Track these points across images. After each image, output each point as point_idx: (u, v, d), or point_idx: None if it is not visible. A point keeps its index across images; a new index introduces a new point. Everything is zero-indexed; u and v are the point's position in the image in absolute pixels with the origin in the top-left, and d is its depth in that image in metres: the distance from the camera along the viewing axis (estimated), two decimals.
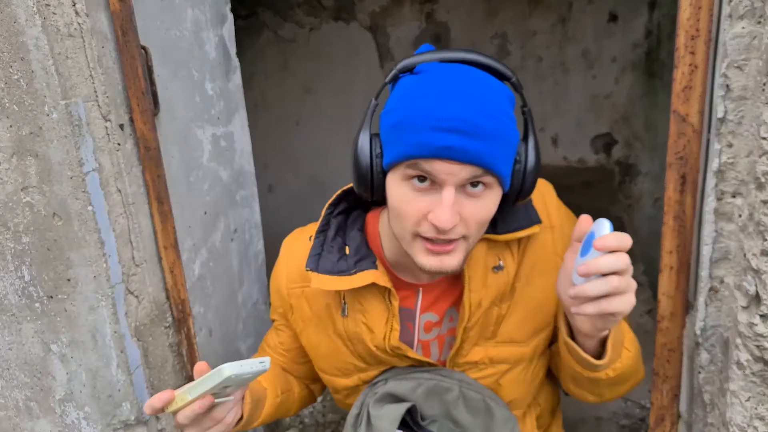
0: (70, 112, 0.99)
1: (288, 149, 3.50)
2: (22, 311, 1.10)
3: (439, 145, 0.80)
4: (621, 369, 0.94)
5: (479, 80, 0.84)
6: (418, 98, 0.83)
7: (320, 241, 1.01)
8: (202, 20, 1.30)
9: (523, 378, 1.06)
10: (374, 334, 1.00)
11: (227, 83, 1.41)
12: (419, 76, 0.86)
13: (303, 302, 1.07)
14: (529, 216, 0.98)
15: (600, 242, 0.77)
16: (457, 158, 0.80)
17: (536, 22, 3.18)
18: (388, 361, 1.04)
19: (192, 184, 1.27)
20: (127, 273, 1.11)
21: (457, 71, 0.85)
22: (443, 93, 0.81)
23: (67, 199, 1.02)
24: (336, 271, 0.97)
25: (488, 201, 0.87)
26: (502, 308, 1.01)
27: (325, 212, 1.04)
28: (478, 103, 0.81)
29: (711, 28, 0.86)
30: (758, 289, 0.81)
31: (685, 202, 0.93)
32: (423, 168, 0.83)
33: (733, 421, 0.88)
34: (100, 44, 1.02)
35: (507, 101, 0.87)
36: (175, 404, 0.88)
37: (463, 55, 0.87)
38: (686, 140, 0.91)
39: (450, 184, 0.83)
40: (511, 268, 1.00)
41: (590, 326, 0.86)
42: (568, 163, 3.36)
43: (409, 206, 0.86)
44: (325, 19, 3.31)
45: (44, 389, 1.15)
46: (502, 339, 1.03)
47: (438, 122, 0.80)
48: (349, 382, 1.09)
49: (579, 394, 1.03)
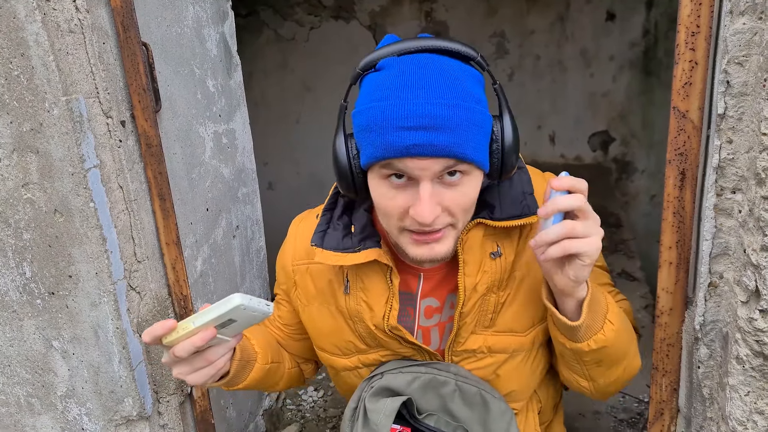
0: (71, 109, 0.99)
1: (288, 147, 3.50)
2: (23, 308, 1.10)
3: (405, 144, 0.80)
4: (604, 342, 0.92)
5: (441, 69, 0.84)
6: (381, 99, 0.83)
7: (326, 219, 1.02)
8: (203, 17, 1.30)
9: (522, 369, 1.06)
10: (374, 313, 1.01)
11: (228, 80, 1.41)
12: (380, 73, 0.86)
13: (307, 279, 1.08)
14: (527, 205, 0.98)
15: (556, 182, 0.82)
16: (426, 154, 0.81)
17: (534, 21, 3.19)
18: (388, 344, 1.04)
19: (194, 181, 1.27)
20: (129, 269, 1.11)
21: (417, 64, 0.84)
22: (404, 90, 0.81)
23: (68, 195, 1.02)
24: (341, 248, 0.98)
25: (468, 187, 0.88)
26: (501, 296, 1.01)
27: (333, 191, 1.05)
28: (439, 94, 0.81)
29: (711, 25, 0.86)
30: (758, 285, 0.81)
31: (685, 198, 0.94)
32: (396, 167, 0.84)
33: (732, 416, 0.89)
34: (100, 40, 1.02)
35: (474, 83, 0.86)
36: (175, 334, 0.85)
37: (423, 44, 0.86)
38: (686, 136, 0.91)
39: (425, 178, 0.83)
40: (509, 255, 1.00)
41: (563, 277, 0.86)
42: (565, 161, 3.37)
43: (390, 203, 0.87)
44: (325, 17, 3.31)
45: (45, 385, 1.16)
46: (500, 328, 1.03)
47: (402, 121, 0.80)
48: (348, 362, 1.10)
49: (572, 380, 1.03)
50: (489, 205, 0.98)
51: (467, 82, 0.85)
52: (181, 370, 0.90)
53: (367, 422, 1.01)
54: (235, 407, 1.50)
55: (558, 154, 3.34)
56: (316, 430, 1.74)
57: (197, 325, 0.84)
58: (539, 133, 3.32)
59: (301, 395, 1.87)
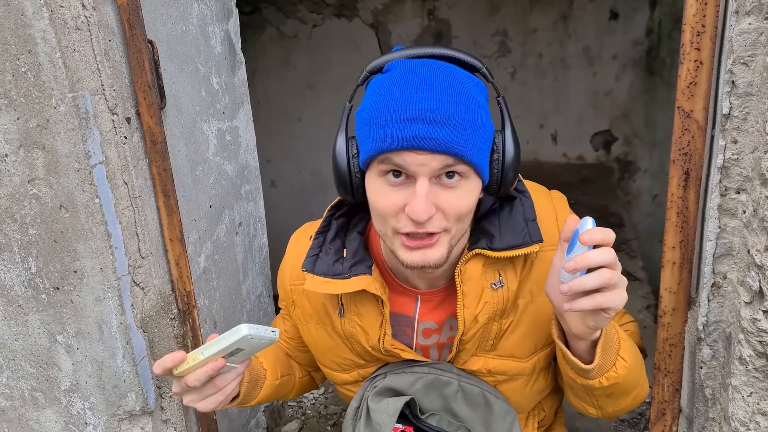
0: (77, 105, 0.99)
1: (290, 145, 3.50)
2: (29, 302, 1.11)
3: (406, 136, 0.80)
4: (616, 378, 0.91)
5: (445, 71, 0.85)
6: (385, 94, 0.84)
7: (319, 242, 1.01)
8: (207, 15, 1.31)
9: (522, 390, 1.05)
10: (369, 336, 1.01)
11: (233, 78, 1.42)
12: (387, 74, 0.87)
13: (304, 299, 1.07)
14: (529, 234, 0.95)
15: (586, 236, 0.78)
16: (426, 147, 0.80)
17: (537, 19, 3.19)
18: (386, 360, 1.05)
19: (197, 178, 1.28)
20: (133, 265, 1.11)
21: (423, 65, 0.86)
22: (409, 85, 0.83)
23: (74, 191, 1.03)
24: (331, 273, 0.96)
25: (465, 191, 0.86)
26: (503, 323, 1.00)
27: (327, 213, 1.04)
28: (443, 91, 0.82)
29: (717, 24, 0.86)
30: (762, 285, 0.81)
31: (689, 198, 0.94)
32: (394, 161, 0.83)
33: (735, 416, 0.89)
34: (107, 37, 1.03)
35: (477, 91, 0.87)
36: (185, 365, 0.88)
37: (430, 51, 0.88)
38: (690, 136, 0.91)
39: (423, 175, 0.83)
40: (512, 284, 0.97)
41: (581, 325, 0.85)
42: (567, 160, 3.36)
43: (386, 201, 0.86)
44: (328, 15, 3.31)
45: (50, 380, 1.16)
46: (501, 353, 1.02)
47: (404, 113, 0.81)
48: (348, 377, 1.10)
49: (580, 407, 1.02)
50: (488, 234, 0.96)
51: (471, 87, 0.86)
52: (191, 398, 0.92)
53: (369, 421, 1.01)
54: None
55: (560, 153, 3.34)
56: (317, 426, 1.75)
57: (207, 356, 0.86)
58: (541, 132, 3.32)
59: None
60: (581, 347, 0.90)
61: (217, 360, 0.87)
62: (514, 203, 0.98)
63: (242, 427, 1.54)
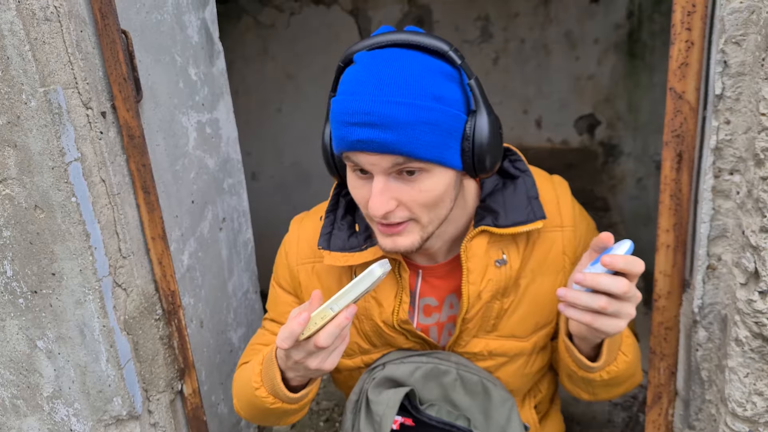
0: (50, 100, 0.95)
1: (270, 136, 3.46)
2: (5, 307, 1.07)
3: (352, 140, 0.83)
4: (616, 372, 0.96)
5: (402, 66, 0.83)
6: (341, 93, 0.86)
7: (330, 220, 1.03)
8: (183, 3, 1.26)
9: (521, 372, 1.07)
10: (383, 308, 1.01)
11: (211, 68, 1.38)
12: (352, 67, 0.87)
13: (313, 278, 1.07)
14: (533, 211, 0.97)
15: (608, 259, 0.78)
16: (373, 150, 0.82)
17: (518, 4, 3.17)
18: (393, 341, 1.04)
19: (178, 173, 1.24)
20: (114, 265, 1.08)
21: (381, 60, 0.84)
22: (360, 86, 0.83)
23: (49, 190, 0.99)
24: (347, 247, 0.99)
25: (426, 184, 0.86)
26: (505, 303, 1.01)
27: (333, 192, 1.06)
28: (391, 92, 0.81)
29: (707, 4, 0.85)
30: (757, 266, 0.81)
31: (682, 180, 0.93)
32: (353, 160, 0.86)
33: (731, 398, 0.89)
34: (78, 28, 0.98)
35: (441, 80, 0.84)
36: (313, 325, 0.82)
37: (392, 38, 0.86)
38: (683, 118, 0.90)
39: (377, 173, 0.85)
40: (515, 263, 0.99)
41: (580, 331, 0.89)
42: (552, 145, 3.36)
43: (357, 192, 0.90)
44: (306, 3, 3.25)
45: (31, 386, 1.12)
46: (502, 333, 1.04)
47: (350, 117, 0.83)
48: (351, 363, 1.10)
49: (573, 391, 1.06)
50: (493, 211, 0.98)
51: (431, 79, 0.83)
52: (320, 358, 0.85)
53: (369, 414, 1.01)
54: (226, 403, 1.48)
55: (544, 139, 3.34)
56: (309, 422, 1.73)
57: (340, 308, 0.81)
58: (525, 117, 3.31)
59: None
60: (585, 345, 0.94)
61: (350, 307, 0.82)
62: (517, 182, 1.00)
63: (233, 427, 1.52)
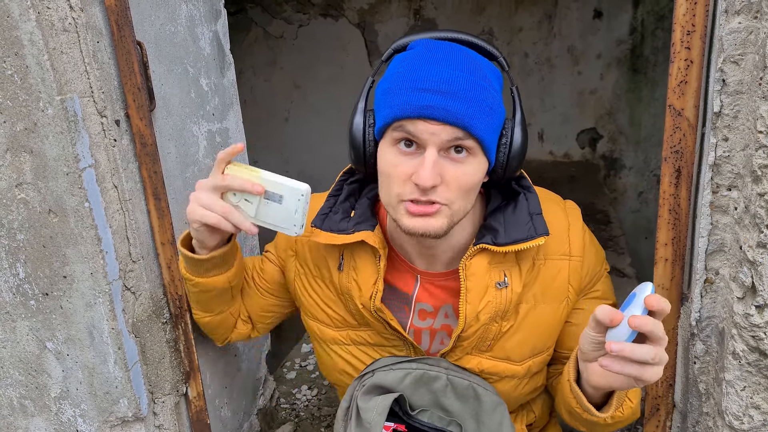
0: (66, 108, 0.98)
1: (277, 145, 3.49)
2: (17, 309, 1.09)
3: (420, 105, 0.85)
4: (620, 417, 0.94)
5: (464, 53, 0.91)
6: (406, 66, 0.90)
7: (330, 204, 1.05)
8: (196, 15, 1.29)
9: (510, 392, 1.06)
10: (362, 293, 1.02)
11: (222, 79, 1.40)
12: (410, 50, 0.94)
13: (306, 250, 1.11)
14: (534, 227, 0.95)
15: (654, 300, 0.76)
16: (438, 117, 0.85)
17: (522, 19, 3.21)
18: (374, 325, 1.05)
19: (188, 180, 1.26)
20: (124, 269, 1.10)
21: (444, 45, 0.92)
22: (428, 60, 0.89)
23: (63, 195, 1.01)
24: (336, 229, 1.01)
25: (471, 167, 0.90)
26: (503, 325, 1.00)
27: (339, 178, 1.08)
28: (460, 68, 0.88)
29: (707, 24, 0.87)
30: (754, 281, 0.83)
31: (680, 196, 0.95)
32: (407, 129, 0.87)
33: (728, 410, 0.90)
34: (95, 39, 1.01)
35: (492, 76, 0.92)
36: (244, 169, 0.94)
37: (453, 35, 0.95)
38: (681, 134, 0.92)
39: (432, 144, 0.87)
40: (516, 286, 0.98)
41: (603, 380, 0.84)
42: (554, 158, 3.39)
43: (396, 169, 0.90)
44: (314, 15, 3.30)
45: (39, 387, 1.14)
46: (497, 355, 1.03)
47: (420, 83, 0.86)
48: (338, 335, 1.10)
49: (572, 423, 1.03)
50: (493, 230, 0.97)
51: (487, 71, 0.91)
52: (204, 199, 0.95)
53: (360, 421, 1.00)
54: (229, 406, 1.50)
55: (547, 152, 3.37)
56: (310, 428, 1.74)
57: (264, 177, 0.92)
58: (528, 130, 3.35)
59: (295, 394, 1.86)
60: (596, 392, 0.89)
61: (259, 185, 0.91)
62: (518, 199, 1.00)
63: (236, 430, 1.53)
